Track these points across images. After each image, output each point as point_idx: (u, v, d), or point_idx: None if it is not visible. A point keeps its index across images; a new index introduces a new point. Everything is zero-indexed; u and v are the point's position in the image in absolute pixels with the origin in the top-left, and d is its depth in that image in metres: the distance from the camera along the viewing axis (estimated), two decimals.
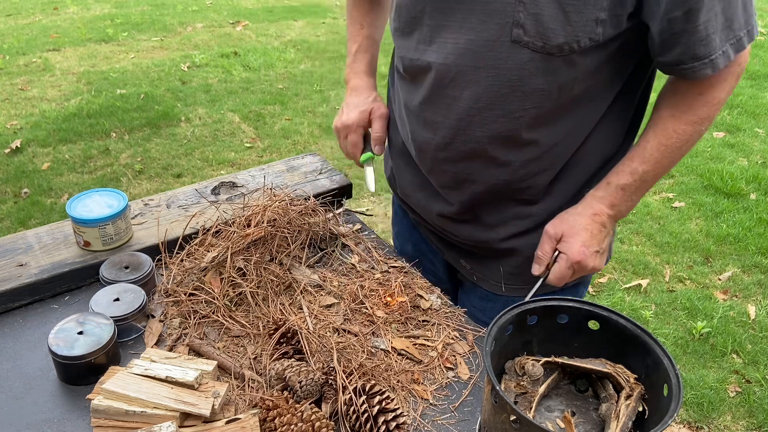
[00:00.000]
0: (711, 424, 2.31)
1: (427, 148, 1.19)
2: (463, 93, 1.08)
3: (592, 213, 1.12)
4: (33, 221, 3.26)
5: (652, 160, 1.09)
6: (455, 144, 1.14)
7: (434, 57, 1.09)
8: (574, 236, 1.11)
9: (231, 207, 1.42)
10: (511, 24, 0.98)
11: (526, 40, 0.99)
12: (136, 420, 0.92)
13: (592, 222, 1.12)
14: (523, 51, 1.00)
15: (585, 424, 0.89)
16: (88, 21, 6.26)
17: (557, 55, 0.99)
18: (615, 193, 1.12)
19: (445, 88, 1.10)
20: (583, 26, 0.96)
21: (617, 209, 1.12)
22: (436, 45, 1.08)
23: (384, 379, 1.07)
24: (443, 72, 1.09)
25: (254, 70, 5.23)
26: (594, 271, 1.15)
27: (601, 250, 1.14)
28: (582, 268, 1.13)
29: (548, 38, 0.98)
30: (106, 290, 1.15)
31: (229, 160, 3.91)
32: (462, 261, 1.36)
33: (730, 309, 2.84)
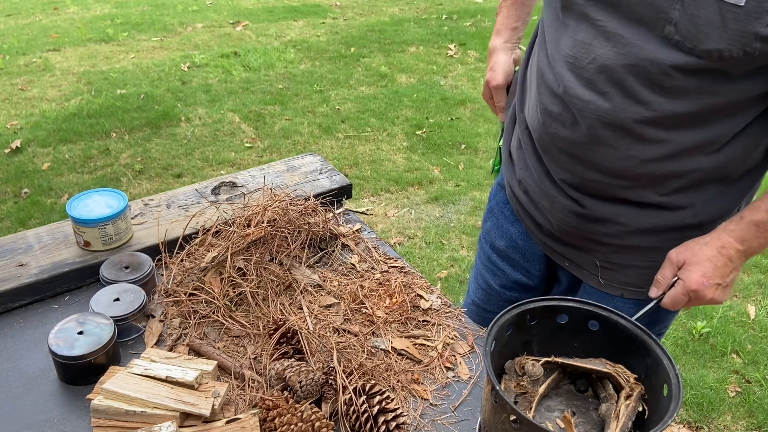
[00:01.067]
0: (711, 424, 2.31)
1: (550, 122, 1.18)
2: (598, 76, 1.06)
3: (720, 245, 1.09)
4: (33, 221, 3.26)
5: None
6: (579, 126, 1.12)
7: (582, 35, 1.07)
8: (695, 265, 1.09)
9: (231, 207, 1.42)
10: (664, 20, 0.96)
11: (677, 39, 0.96)
12: (136, 420, 0.92)
13: (718, 254, 1.08)
14: (671, 49, 0.97)
15: (585, 424, 0.89)
16: (88, 21, 6.26)
17: (705, 59, 0.96)
18: (747, 228, 1.07)
19: (582, 69, 1.08)
20: (739, 37, 0.92)
21: (748, 245, 1.08)
22: (587, 24, 1.06)
23: (384, 379, 1.07)
24: (585, 53, 1.07)
25: (254, 70, 5.23)
26: (713, 303, 1.12)
27: (724, 284, 1.10)
28: (698, 298, 1.10)
29: (699, 41, 0.94)
30: (106, 290, 1.15)
31: (229, 160, 3.91)
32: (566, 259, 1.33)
33: (730, 309, 2.84)
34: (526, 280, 1.45)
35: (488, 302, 1.54)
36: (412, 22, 6.51)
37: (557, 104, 1.14)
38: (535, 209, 1.31)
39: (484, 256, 1.55)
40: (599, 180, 1.15)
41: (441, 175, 3.83)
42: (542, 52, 1.20)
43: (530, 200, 1.32)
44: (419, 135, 4.27)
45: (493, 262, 1.51)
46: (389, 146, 4.14)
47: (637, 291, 1.26)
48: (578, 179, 1.17)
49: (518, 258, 1.44)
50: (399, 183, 3.73)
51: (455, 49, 5.79)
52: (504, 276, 1.48)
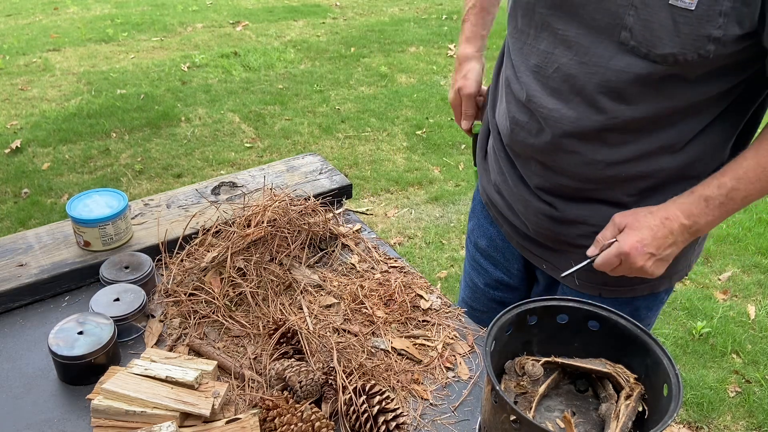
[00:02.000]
0: (711, 424, 2.31)
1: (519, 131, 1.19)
2: (562, 85, 1.07)
3: (665, 216, 1.07)
4: (33, 221, 3.26)
5: (745, 179, 1.03)
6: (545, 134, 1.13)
7: (543, 45, 1.09)
8: (635, 230, 1.07)
9: (231, 207, 1.42)
10: (620, 26, 0.98)
11: (632, 44, 0.98)
12: (136, 420, 0.92)
13: (660, 224, 1.07)
14: (627, 54, 0.99)
15: (585, 424, 0.89)
16: (88, 21, 6.26)
17: (661, 64, 0.97)
18: (696, 202, 1.06)
19: (546, 78, 1.10)
20: (693, 40, 0.93)
21: (694, 220, 1.07)
22: (547, 33, 1.08)
23: (384, 379, 1.07)
24: (548, 61, 1.09)
25: (254, 70, 5.23)
26: (643, 273, 1.11)
27: (659, 256, 1.09)
28: (629, 263, 1.08)
29: (654, 46, 0.96)
30: (106, 290, 1.15)
31: (229, 160, 3.91)
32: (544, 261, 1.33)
33: (730, 309, 2.84)
34: (507, 279, 1.46)
35: (475, 300, 1.56)
36: (412, 22, 6.51)
37: (524, 113, 1.17)
38: (511, 213, 1.33)
39: (470, 255, 1.57)
40: (568, 184, 1.16)
41: (441, 175, 3.83)
42: (509, 62, 1.23)
43: (506, 204, 1.33)
44: (419, 135, 4.27)
45: (477, 261, 1.52)
46: (389, 146, 4.14)
47: (615, 290, 1.26)
48: (549, 184, 1.19)
49: (499, 257, 1.46)
50: (399, 183, 3.73)
51: (455, 49, 5.79)
52: (487, 275, 1.50)
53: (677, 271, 1.29)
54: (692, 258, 1.31)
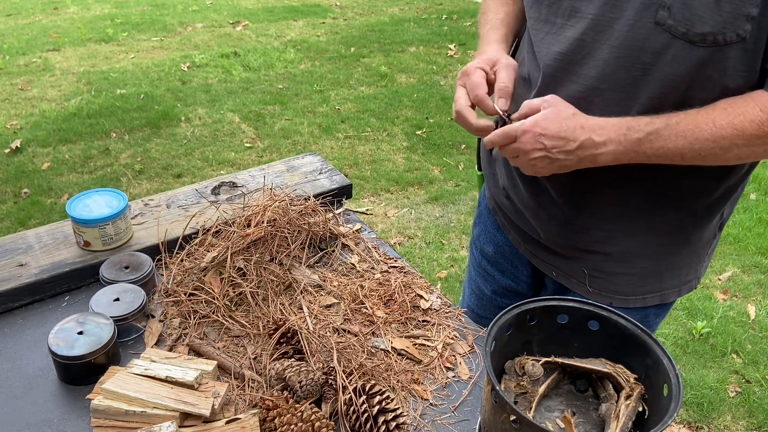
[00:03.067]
0: (711, 424, 2.31)
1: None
2: (591, 71, 1.04)
3: (581, 124, 1.01)
4: (33, 221, 3.26)
5: (674, 128, 0.99)
6: None
7: (570, 31, 1.06)
8: (546, 116, 1.01)
9: (231, 207, 1.42)
10: (657, 5, 0.95)
11: (670, 23, 0.95)
12: (136, 420, 0.92)
13: (572, 127, 1.01)
14: (664, 35, 0.96)
15: (585, 424, 0.89)
16: (88, 21, 6.26)
17: (699, 44, 0.95)
18: (617, 126, 1.01)
19: (574, 65, 1.06)
20: (732, 19, 0.92)
21: (604, 141, 1.01)
22: (575, 19, 1.05)
23: (384, 379, 1.07)
24: (576, 48, 1.05)
25: (254, 70, 5.23)
26: (525, 163, 1.05)
27: (550, 154, 1.02)
28: (520, 144, 1.03)
29: (693, 25, 0.94)
30: (106, 290, 1.15)
31: (229, 160, 3.91)
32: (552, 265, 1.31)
33: (730, 309, 2.84)
34: (515, 286, 1.44)
35: (482, 308, 1.54)
36: (412, 22, 6.51)
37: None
38: (521, 219, 1.30)
39: (475, 262, 1.54)
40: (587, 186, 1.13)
41: (441, 175, 3.83)
42: (530, 56, 1.18)
43: (515, 209, 1.30)
44: (419, 135, 4.27)
45: (483, 268, 1.50)
46: (389, 146, 4.14)
47: (626, 299, 1.24)
48: (567, 185, 1.15)
49: (506, 264, 1.43)
50: (399, 183, 3.73)
51: (455, 49, 5.79)
52: (494, 282, 1.47)
53: (686, 282, 1.28)
54: (701, 270, 1.29)
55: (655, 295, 1.26)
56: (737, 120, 0.98)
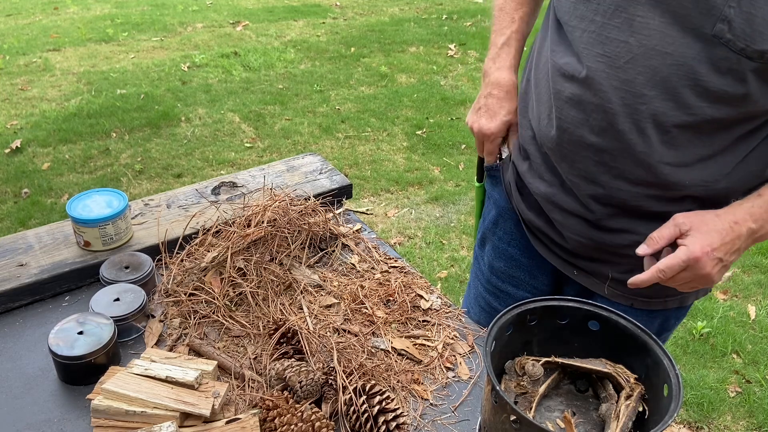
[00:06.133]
0: (711, 424, 2.31)
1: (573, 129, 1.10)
2: (639, 77, 1.00)
3: (733, 220, 1.01)
4: (33, 221, 3.26)
5: None
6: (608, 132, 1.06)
7: (614, 32, 1.01)
8: (703, 233, 1.00)
9: (231, 207, 1.42)
10: (716, 17, 0.92)
11: (729, 37, 0.92)
12: (136, 420, 0.92)
13: (729, 228, 1.01)
14: (720, 48, 0.93)
15: (585, 424, 0.89)
16: (88, 21, 6.26)
17: (756, 60, 0.93)
18: (765, 206, 1.01)
19: (617, 69, 1.02)
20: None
21: (761, 224, 1.01)
22: (620, 20, 1.01)
23: (384, 379, 1.06)
24: (621, 51, 1.01)
25: (254, 70, 5.23)
26: (707, 280, 1.04)
27: (725, 263, 1.03)
28: (697, 270, 1.01)
29: (754, 41, 0.91)
30: (106, 290, 1.15)
31: (229, 160, 3.91)
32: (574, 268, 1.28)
33: (730, 309, 2.84)
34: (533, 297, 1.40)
35: None
36: (412, 22, 6.51)
37: (583, 109, 1.08)
38: (546, 224, 1.26)
39: (484, 279, 1.49)
40: (625, 188, 1.10)
41: (441, 175, 3.83)
42: (559, 52, 1.13)
43: (538, 215, 1.27)
44: (419, 135, 4.27)
45: (494, 285, 1.46)
46: (389, 146, 4.14)
47: (647, 301, 1.23)
48: (601, 189, 1.12)
49: (523, 276, 1.40)
50: (399, 183, 3.73)
51: (455, 49, 5.79)
52: (510, 297, 1.42)
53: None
54: None
55: (675, 298, 1.24)
56: None
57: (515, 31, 1.31)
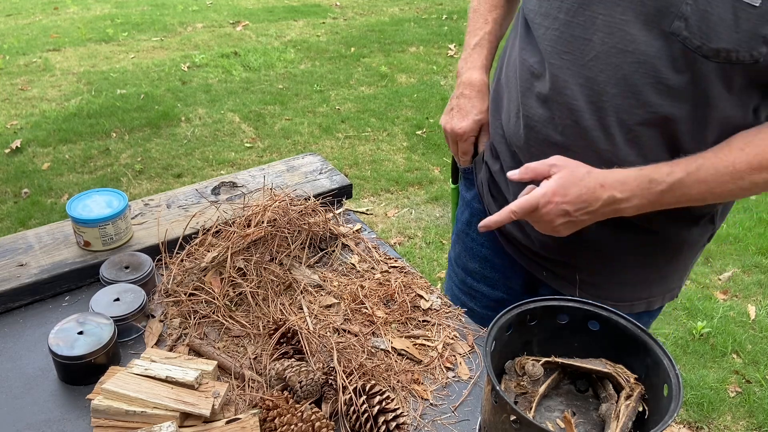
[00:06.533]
0: (711, 424, 2.31)
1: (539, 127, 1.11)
2: (601, 75, 1.01)
3: (600, 183, 1.00)
4: (33, 221, 3.26)
5: (695, 176, 0.99)
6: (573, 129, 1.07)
7: (577, 30, 1.02)
8: (564, 183, 1.00)
9: (231, 207, 1.42)
10: (674, 14, 0.93)
11: (685, 35, 0.93)
12: (136, 420, 0.92)
13: (592, 189, 1.00)
14: (677, 45, 0.94)
15: (585, 424, 0.89)
16: (88, 21, 6.26)
17: (711, 59, 0.93)
18: (639, 180, 1.00)
19: (581, 66, 1.03)
20: (749, 39, 0.90)
21: (628, 197, 1.00)
22: (583, 18, 1.02)
23: (384, 379, 1.07)
24: (585, 48, 1.02)
25: (254, 70, 5.23)
26: (549, 228, 1.05)
27: (574, 219, 1.02)
28: (542, 213, 1.02)
29: (709, 39, 0.92)
30: (106, 290, 1.15)
31: (229, 160, 3.91)
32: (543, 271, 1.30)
33: (730, 309, 2.84)
34: (508, 297, 1.41)
35: None
36: (412, 22, 6.51)
37: (549, 107, 1.09)
38: (514, 225, 1.27)
39: (458, 280, 1.50)
40: None
41: (441, 175, 3.83)
42: (528, 51, 1.14)
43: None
44: (419, 135, 4.27)
45: (469, 286, 1.47)
46: (389, 146, 4.14)
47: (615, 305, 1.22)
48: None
49: (497, 276, 1.41)
50: (399, 183, 3.73)
51: (455, 49, 5.79)
52: (484, 297, 1.45)
53: (670, 290, 1.28)
54: (685, 278, 1.29)
55: (642, 302, 1.26)
56: (756, 160, 0.98)
57: (488, 32, 1.33)
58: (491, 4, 1.34)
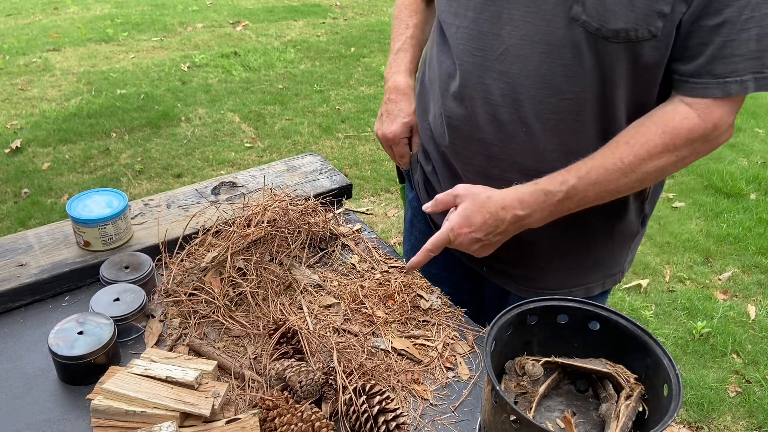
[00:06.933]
0: (711, 424, 2.31)
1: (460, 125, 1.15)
2: (513, 68, 1.04)
3: (501, 206, 1.06)
4: (33, 221, 3.26)
5: (587, 179, 1.03)
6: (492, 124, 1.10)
7: (485, 26, 1.05)
8: (468, 213, 1.08)
9: (231, 207, 1.42)
10: (572, 0, 0.96)
11: (584, 19, 0.96)
12: (136, 420, 0.92)
13: (495, 213, 1.06)
14: (579, 30, 0.97)
15: (585, 424, 0.89)
16: (88, 21, 6.26)
17: (612, 40, 0.96)
18: (536, 195, 1.05)
19: (493, 61, 1.06)
20: (645, 15, 0.93)
21: (530, 212, 1.06)
22: (489, 14, 1.05)
23: (384, 379, 1.07)
24: (495, 43, 1.05)
25: (254, 70, 5.23)
26: (471, 253, 1.13)
27: (486, 241, 1.10)
28: (457, 244, 1.11)
29: (607, 20, 0.95)
30: (106, 290, 1.15)
31: (229, 160, 3.91)
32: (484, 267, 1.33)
33: (730, 309, 2.84)
34: (456, 294, 1.40)
35: None
36: None
37: (466, 105, 1.12)
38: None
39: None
40: (519, 180, 1.12)
41: None
42: (443, 53, 1.17)
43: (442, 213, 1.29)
44: None
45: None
46: None
47: (553, 293, 1.26)
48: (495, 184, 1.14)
49: (442, 273, 1.43)
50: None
51: None
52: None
53: (611, 275, 1.30)
54: (625, 263, 1.31)
55: (580, 288, 1.28)
56: (643, 150, 1.01)
57: (410, 37, 1.37)
58: (411, 10, 1.39)
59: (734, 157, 4.16)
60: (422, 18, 1.38)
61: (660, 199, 3.89)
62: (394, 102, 1.34)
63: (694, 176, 3.93)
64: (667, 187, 3.82)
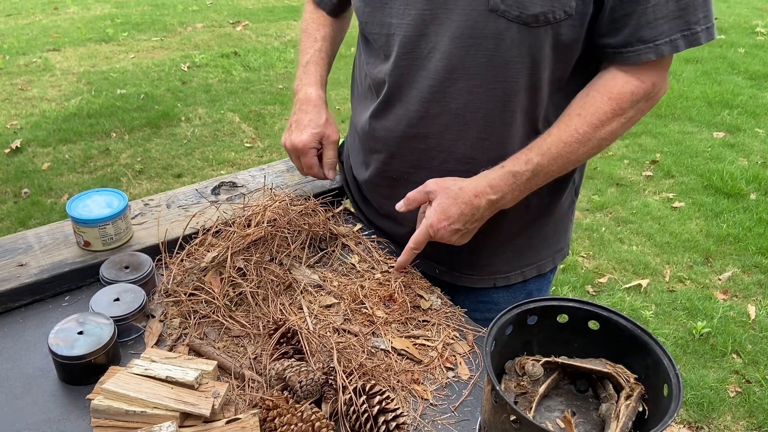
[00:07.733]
0: (711, 424, 2.31)
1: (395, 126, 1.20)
2: (439, 64, 1.08)
3: (474, 194, 1.11)
4: (33, 221, 3.26)
5: (549, 155, 1.09)
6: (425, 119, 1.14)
7: (409, 29, 1.09)
8: (444, 207, 1.12)
9: (231, 207, 1.42)
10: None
11: (503, 8, 1.00)
12: (136, 420, 0.92)
13: (469, 202, 1.11)
14: (500, 20, 1.01)
15: (585, 424, 0.89)
16: (88, 21, 6.26)
17: (533, 25, 1.00)
18: (505, 178, 1.10)
19: (422, 59, 1.10)
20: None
21: (502, 195, 1.11)
22: (410, 17, 1.08)
23: (384, 379, 1.07)
24: (420, 43, 1.09)
25: (254, 70, 5.24)
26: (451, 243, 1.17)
27: (465, 230, 1.14)
28: (438, 238, 1.15)
29: (525, 7, 0.99)
30: (106, 290, 1.15)
31: (229, 160, 3.91)
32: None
33: (730, 309, 2.84)
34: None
35: None
36: None
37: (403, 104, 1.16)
38: (392, 223, 1.35)
39: None
40: (457, 170, 1.17)
41: None
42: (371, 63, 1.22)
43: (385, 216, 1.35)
44: None
45: None
46: None
47: (507, 277, 1.32)
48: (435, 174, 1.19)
49: None
50: None
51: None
52: None
53: (559, 249, 1.36)
54: (567, 236, 1.37)
55: (532, 267, 1.33)
56: (594, 118, 1.07)
57: (318, 50, 1.40)
58: (318, 23, 1.42)
59: (734, 157, 4.16)
60: (330, 31, 1.42)
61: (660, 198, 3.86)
62: (305, 112, 1.35)
63: (694, 176, 3.93)
64: (667, 187, 3.83)
